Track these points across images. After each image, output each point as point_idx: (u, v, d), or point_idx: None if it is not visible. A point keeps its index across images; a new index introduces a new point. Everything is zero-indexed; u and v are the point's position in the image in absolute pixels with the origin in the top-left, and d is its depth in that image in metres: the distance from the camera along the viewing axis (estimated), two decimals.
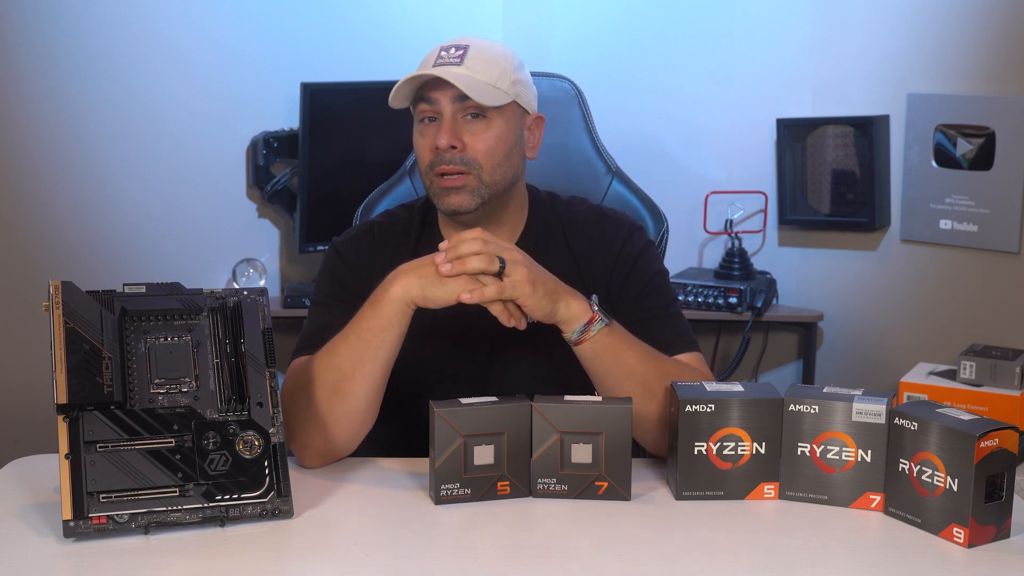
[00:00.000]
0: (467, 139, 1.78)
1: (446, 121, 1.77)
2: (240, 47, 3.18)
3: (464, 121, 1.78)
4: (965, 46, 2.97)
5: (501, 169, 1.80)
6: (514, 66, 1.81)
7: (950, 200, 3.04)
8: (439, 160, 1.78)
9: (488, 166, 1.78)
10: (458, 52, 1.78)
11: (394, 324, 1.64)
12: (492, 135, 1.79)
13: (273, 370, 1.55)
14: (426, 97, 1.79)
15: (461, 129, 1.78)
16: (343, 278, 1.86)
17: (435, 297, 1.62)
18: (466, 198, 1.78)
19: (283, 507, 1.51)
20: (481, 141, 1.78)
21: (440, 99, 1.78)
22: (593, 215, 1.91)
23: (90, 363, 1.48)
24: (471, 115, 1.78)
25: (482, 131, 1.78)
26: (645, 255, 1.88)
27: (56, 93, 2.96)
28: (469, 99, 1.75)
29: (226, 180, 3.24)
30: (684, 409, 1.57)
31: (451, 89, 1.76)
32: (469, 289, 1.61)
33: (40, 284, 1.64)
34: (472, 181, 1.78)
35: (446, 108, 1.77)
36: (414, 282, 1.62)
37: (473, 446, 1.56)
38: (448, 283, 1.61)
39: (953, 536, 1.46)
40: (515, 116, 1.82)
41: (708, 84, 3.36)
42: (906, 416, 1.51)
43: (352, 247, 1.89)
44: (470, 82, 1.75)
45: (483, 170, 1.78)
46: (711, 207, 3.35)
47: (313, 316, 1.86)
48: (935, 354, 3.00)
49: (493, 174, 1.79)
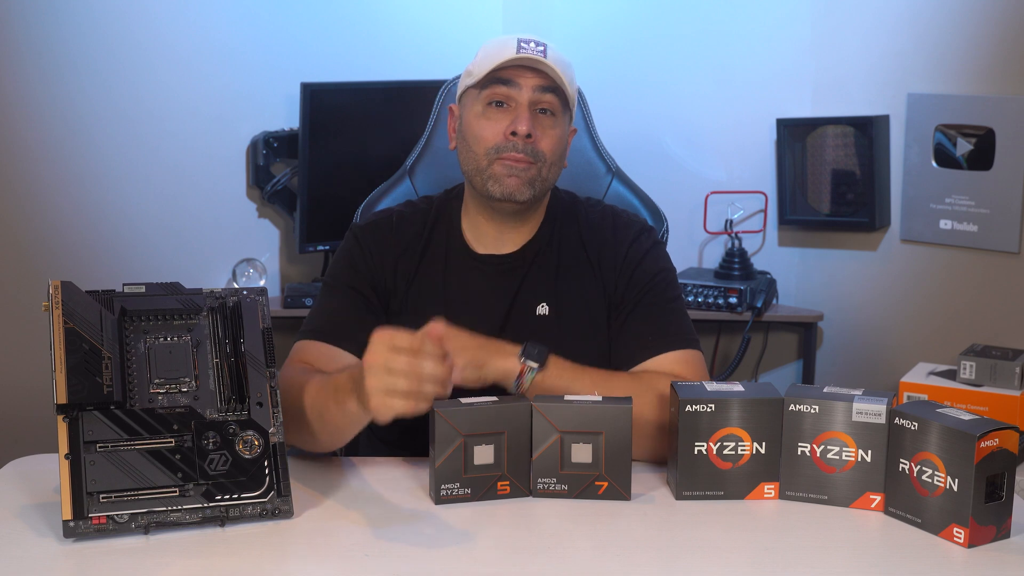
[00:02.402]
0: (538, 132, 1.80)
1: (525, 108, 1.79)
2: (240, 47, 3.18)
3: (535, 114, 1.81)
4: (965, 46, 2.97)
5: (556, 168, 1.84)
6: (574, 76, 1.87)
7: (950, 200, 3.04)
8: (509, 146, 1.79)
9: (550, 161, 1.82)
10: (539, 47, 1.80)
11: (354, 422, 1.56)
12: (557, 133, 1.82)
13: (273, 370, 1.55)
14: (507, 80, 1.80)
15: (532, 121, 1.80)
16: (357, 263, 1.86)
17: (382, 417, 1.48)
18: (525, 186, 1.80)
19: (283, 507, 1.51)
20: (550, 137, 1.81)
21: (523, 85, 1.79)
22: (606, 216, 1.92)
23: (90, 363, 1.48)
24: (541, 110, 1.81)
25: (550, 127, 1.82)
26: (650, 255, 1.88)
27: (56, 93, 2.96)
28: (547, 94, 1.80)
29: (226, 180, 3.24)
30: (684, 409, 1.57)
31: (534, 79, 1.79)
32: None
33: (40, 284, 1.64)
34: (534, 172, 1.80)
35: (526, 96, 1.80)
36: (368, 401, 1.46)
37: (473, 446, 1.56)
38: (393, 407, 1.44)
39: (953, 536, 1.46)
40: (568, 123, 1.87)
41: (708, 84, 3.36)
42: (906, 416, 1.51)
43: (370, 233, 1.89)
44: (558, 76, 1.79)
45: (545, 164, 1.81)
46: (711, 207, 3.35)
47: (322, 298, 1.87)
48: (935, 354, 3.00)
49: (551, 170, 1.83)
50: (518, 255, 1.87)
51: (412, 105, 2.97)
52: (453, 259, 1.88)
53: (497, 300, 1.86)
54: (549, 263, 1.87)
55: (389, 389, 1.39)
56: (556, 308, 1.86)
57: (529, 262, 1.87)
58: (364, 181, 2.59)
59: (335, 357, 1.77)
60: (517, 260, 1.87)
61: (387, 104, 3.22)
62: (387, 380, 1.39)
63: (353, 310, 1.83)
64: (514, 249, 1.88)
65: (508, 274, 1.87)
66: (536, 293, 1.86)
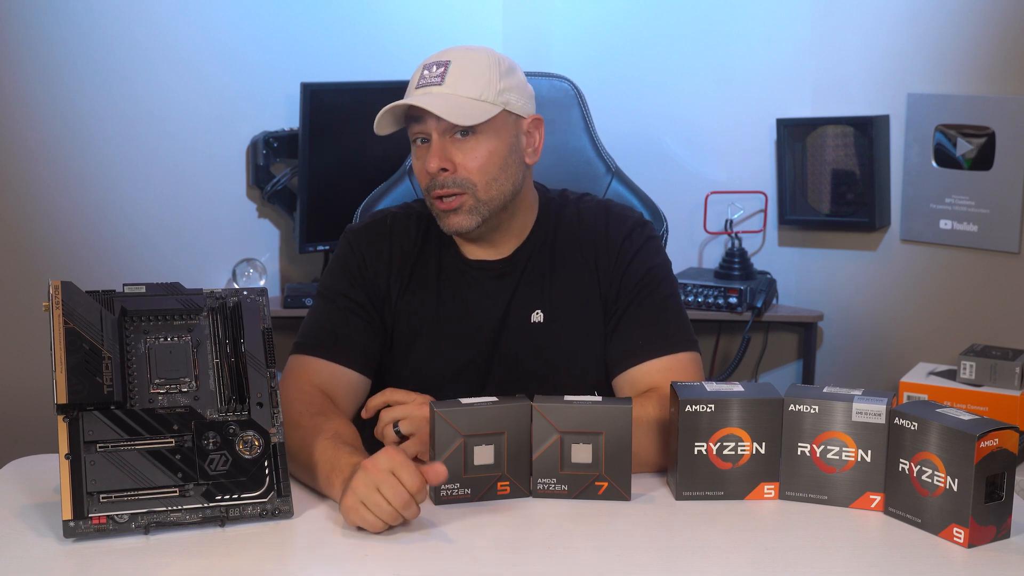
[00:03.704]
0: (458, 159, 1.75)
1: (434, 144, 1.75)
2: (240, 47, 3.18)
3: (453, 140, 1.75)
4: (965, 46, 2.97)
5: (497, 184, 1.77)
6: (500, 73, 1.77)
7: (950, 200, 3.04)
8: (434, 184, 1.76)
9: (482, 183, 1.76)
10: (439, 70, 1.75)
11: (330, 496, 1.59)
12: (483, 151, 1.76)
13: (273, 370, 1.55)
14: (415, 116, 1.77)
15: (451, 149, 1.75)
16: (352, 270, 1.85)
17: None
18: (464, 218, 1.76)
19: (283, 507, 1.51)
20: (472, 159, 1.75)
21: (427, 120, 1.75)
22: (599, 212, 1.88)
23: (90, 363, 1.48)
24: (460, 133, 1.75)
25: (472, 149, 1.75)
26: (643, 251, 1.84)
27: (56, 93, 2.96)
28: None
29: (226, 180, 3.23)
30: (684, 409, 1.57)
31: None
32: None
33: (40, 284, 1.64)
34: (468, 201, 1.76)
35: (433, 130, 1.75)
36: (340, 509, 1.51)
37: (473, 446, 1.56)
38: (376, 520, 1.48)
39: (953, 536, 1.46)
40: (507, 125, 1.78)
41: (708, 84, 3.36)
42: (906, 416, 1.51)
43: (364, 238, 1.87)
44: (450, 103, 1.72)
45: (477, 188, 1.76)
46: (711, 207, 3.35)
47: (315, 309, 1.86)
48: (935, 354, 3.00)
49: (489, 190, 1.77)
50: (510, 261, 1.85)
51: None
52: (446, 265, 1.86)
53: (490, 308, 1.84)
54: (543, 268, 1.85)
55: (363, 518, 1.46)
56: (551, 315, 1.84)
57: (522, 268, 1.84)
58: (364, 181, 2.59)
59: (336, 375, 1.78)
60: (509, 266, 1.84)
61: (387, 104, 3.21)
62: (363, 512, 1.45)
63: (350, 322, 1.82)
64: (506, 255, 1.85)
65: (500, 280, 1.84)
66: (530, 300, 1.84)
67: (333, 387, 1.77)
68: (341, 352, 1.79)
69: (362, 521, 1.46)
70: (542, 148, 1.85)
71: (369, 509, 1.45)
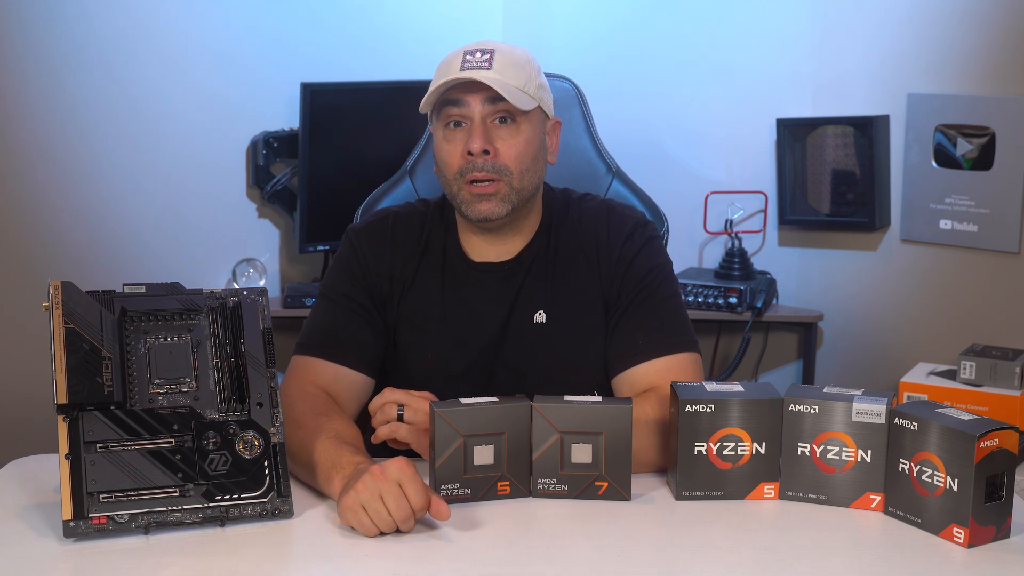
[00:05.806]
0: (498, 144, 1.76)
1: (477, 125, 1.75)
2: (240, 47, 3.18)
3: (493, 126, 1.76)
4: (965, 46, 2.97)
5: (529, 175, 1.79)
6: (536, 70, 1.81)
7: (950, 200, 3.04)
8: (471, 167, 1.75)
9: (518, 172, 1.77)
10: (484, 56, 1.75)
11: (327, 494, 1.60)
12: (522, 140, 1.77)
13: (273, 370, 1.55)
14: (455, 100, 1.76)
15: (492, 134, 1.76)
16: (354, 270, 1.85)
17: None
18: (497, 205, 1.76)
19: (283, 507, 1.51)
20: (511, 147, 1.76)
21: (471, 102, 1.75)
22: (601, 213, 1.88)
23: (90, 363, 1.48)
24: (500, 119, 1.76)
25: (511, 136, 1.77)
26: (645, 251, 1.84)
27: (56, 93, 2.96)
28: (499, 103, 1.74)
29: (226, 180, 3.24)
30: (684, 409, 1.57)
31: (481, 92, 1.74)
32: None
33: (40, 284, 1.64)
34: (503, 188, 1.76)
35: (476, 112, 1.75)
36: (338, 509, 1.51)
37: (473, 446, 1.56)
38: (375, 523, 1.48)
39: (953, 536, 1.46)
40: (539, 121, 1.81)
41: (708, 84, 3.36)
42: (906, 416, 1.51)
43: (366, 238, 1.87)
44: (504, 86, 1.73)
45: (513, 176, 1.76)
46: (711, 207, 3.35)
47: (318, 310, 1.86)
48: (935, 354, 3.00)
49: (522, 180, 1.78)
50: (515, 262, 1.85)
51: (412, 105, 2.93)
52: (450, 266, 1.85)
53: (494, 310, 1.84)
54: (546, 269, 1.85)
55: (359, 521, 1.46)
56: (553, 315, 1.84)
57: (526, 269, 1.85)
58: (364, 181, 2.59)
59: (339, 375, 1.79)
60: (514, 267, 1.84)
61: (387, 104, 3.22)
62: (361, 515, 1.45)
63: (352, 323, 1.82)
64: (510, 256, 1.85)
65: (505, 282, 1.84)
66: (533, 301, 1.84)
67: (336, 388, 1.78)
68: (343, 353, 1.79)
69: (357, 523, 1.46)
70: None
71: (368, 514, 1.45)
